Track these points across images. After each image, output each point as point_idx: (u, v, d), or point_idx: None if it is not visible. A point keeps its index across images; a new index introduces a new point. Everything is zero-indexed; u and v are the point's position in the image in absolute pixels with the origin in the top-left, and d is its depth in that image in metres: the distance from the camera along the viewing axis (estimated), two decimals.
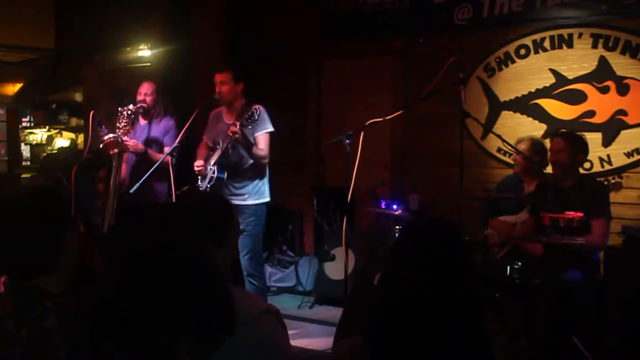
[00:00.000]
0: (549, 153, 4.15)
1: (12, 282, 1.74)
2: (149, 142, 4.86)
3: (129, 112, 4.71)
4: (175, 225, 2.02)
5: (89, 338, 1.23)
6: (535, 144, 4.48)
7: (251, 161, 4.45)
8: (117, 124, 4.69)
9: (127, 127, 4.70)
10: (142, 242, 1.31)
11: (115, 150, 4.62)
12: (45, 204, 1.82)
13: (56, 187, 5.26)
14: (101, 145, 4.62)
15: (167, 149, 4.87)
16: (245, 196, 4.46)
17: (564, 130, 4.27)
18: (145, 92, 4.88)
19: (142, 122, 4.96)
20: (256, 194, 4.49)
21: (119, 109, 4.75)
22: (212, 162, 4.41)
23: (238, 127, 4.17)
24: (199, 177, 4.49)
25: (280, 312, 1.89)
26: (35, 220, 1.77)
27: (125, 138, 4.65)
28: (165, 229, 2.05)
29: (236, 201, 4.41)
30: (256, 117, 4.20)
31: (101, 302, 1.24)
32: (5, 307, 1.69)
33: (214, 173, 4.39)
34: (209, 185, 4.39)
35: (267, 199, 4.57)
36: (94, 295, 1.27)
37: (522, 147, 4.44)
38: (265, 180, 4.56)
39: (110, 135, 4.62)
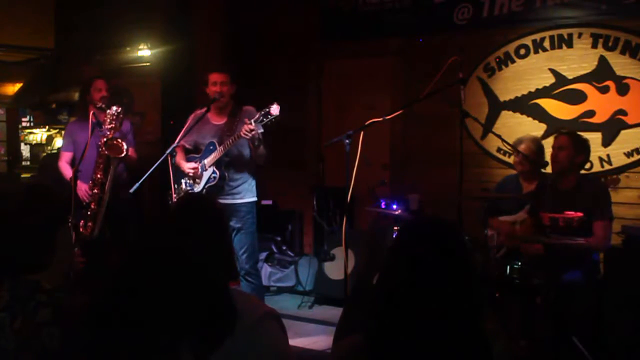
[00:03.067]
0: (551, 149, 4.14)
1: (6, 276, 1.76)
2: None
3: (117, 113, 4.69)
4: (175, 227, 2.03)
5: (89, 338, 1.23)
6: (536, 143, 4.49)
7: (246, 160, 4.47)
8: (105, 126, 4.66)
9: (118, 128, 4.70)
10: (139, 244, 1.32)
11: (124, 154, 4.62)
12: (36, 201, 1.85)
13: (54, 186, 5.26)
14: (103, 149, 4.61)
15: (130, 151, 4.88)
16: (242, 194, 4.47)
17: (572, 131, 4.27)
18: (105, 87, 4.87)
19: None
20: (250, 191, 4.52)
21: (107, 111, 4.73)
22: (209, 163, 4.40)
23: (254, 124, 4.15)
24: (191, 180, 4.48)
25: (280, 316, 1.89)
26: (26, 217, 1.80)
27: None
28: (164, 230, 2.06)
29: (233, 200, 4.42)
30: (277, 114, 4.15)
31: (102, 302, 1.24)
32: (0, 301, 1.71)
33: (214, 173, 4.39)
34: (206, 187, 4.39)
35: (256, 198, 4.61)
36: (95, 295, 1.27)
37: (523, 146, 4.44)
38: (255, 180, 4.59)
39: (118, 138, 4.63)
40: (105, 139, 4.62)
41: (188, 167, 4.46)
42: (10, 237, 1.78)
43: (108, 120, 4.67)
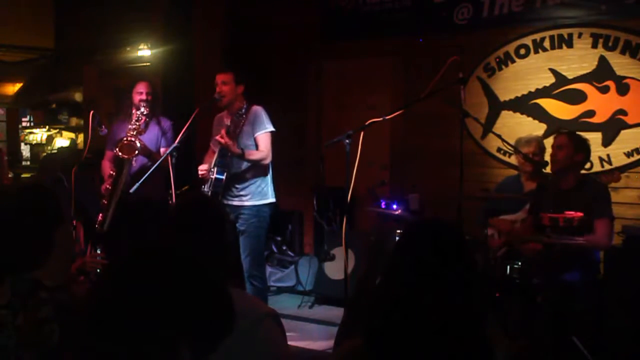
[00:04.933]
0: (551, 149, 4.15)
1: (7, 274, 1.76)
2: (148, 142, 4.86)
3: (143, 113, 4.71)
4: (173, 226, 2.04)
5: (89, 337, 1.23)
6: (541, 144, 4.50)
7: (247, 163, 4.45)
8: (130, 126, 4.69)
9: (141, 130, 4.71)
10: (141, 242, 1.32)
11: (135, 154, 4.62)
12: (33, 199, 1.85)
13: (52, 185, 5.28)
14: (117, 149, 4.61)
15: (164, 150, 4.88)
16: (247, 197, 4.44)
17: (571, 130, 4.27)
18: (145, 90, 4.88)
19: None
20: (258, 194, 4.46)
21: (132, 111, 4.74)
22: (213, 164, 4.41)
23: (225, 134, 4.19)
24: (203, 181, 4.49)
25: (279, 316, 1.90)
26: (23, 215, 1.80)
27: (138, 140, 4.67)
28: (164, 229, 2.07)
29: (237, 202, 4.41)
30: (243, 112, 4.19)
31: (101, 301, 1.24)
32: (2, 298, 1.71)
33: (215, 174, 4.39)
34: (211, 187, 4.39)
35: (271, 199, 4.53)
36: (94, 294, 1.27)
37: (532, 148, 4.44)
38: (268, 180, 4.52)
39: (129, 138, 4.63)
40: (119, 139, 4.65)
41: (199, 168, 4.47)
42: (7, 235, 1.79)
43: (133, 120, 4.69)
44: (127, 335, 1.17)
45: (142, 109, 4.72)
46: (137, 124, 4.69)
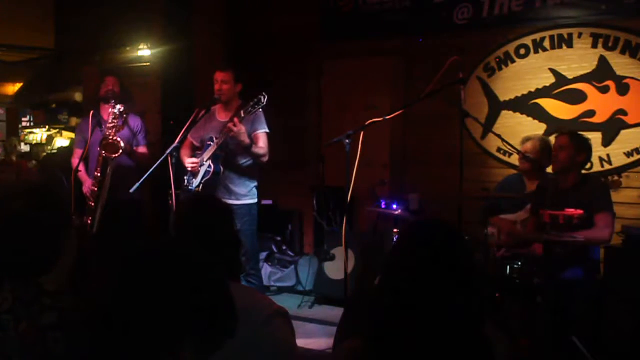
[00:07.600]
0: (552, 149, 4.14)
1: (10, 279, 1.74)
2: (123, 139, 4.85)
3: (119, 112, 4.72)
4: (180, 227, 2.04)
5: (91, 339, 1.23)
6: (543, 143, 4.49)
7: (246, 161, 4.46)
8: (108, 124, 4.70)
9: (120, 126, 4.72)
10: (130, 242, 1.32)
11: (119, 154, 4.63)
12: (42, 203, 1.83)
13: (55, 186, 5.28)
14: (101, 149, 4.63)
15: (142, 149, 4.88)
16: (240, 196, 4.49)
17: (572, 130, 4.27)
18: (111, 83, 4.88)
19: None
20: (249, 193, 4.53)
21: (110, 109, 4.75)
22: (206, 157, 4.41)
23: (239, 121, 4.17)
24: (190, 176, 4.50)
25: (289, 314, 1.90)
26: (32, 219, 1.78)
27: (117, 138, 4.69)
28: (169, 230, 2.07)
29: (231, 201, 4.42)
30: (264, 102, 4.16)
31: (103, 302, 1.24)
32: (4, 303, 1.69)
33: (209, 167, 4.39)
34: (202, 182, 4.40)
35: (256, 199, 4.62)
36: (96, 295, 1.27)
37: (529, 145, 4.44)
38: (257, 181, 4.58)
39: (115, 138, 4.64)
40: (102, 138, 4.65)
41: (188, 162, 4.49)
42: (13, 238, 1.76)
43: (110, 118, 4.70)
44: (128, 334, 1.17)
45: (118, 107, 4.73)
46: (115, 121, 4.69)
